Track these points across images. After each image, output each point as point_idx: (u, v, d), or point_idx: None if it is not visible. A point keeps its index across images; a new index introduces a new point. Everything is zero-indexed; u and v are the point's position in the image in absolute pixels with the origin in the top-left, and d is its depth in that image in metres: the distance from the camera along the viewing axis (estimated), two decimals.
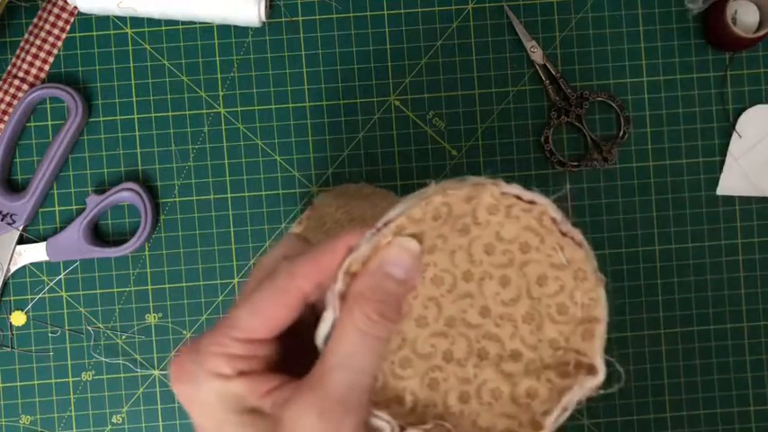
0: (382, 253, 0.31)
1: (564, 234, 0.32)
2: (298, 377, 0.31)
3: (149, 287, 0.57)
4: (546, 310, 0.32)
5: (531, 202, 0.32)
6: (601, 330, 0.32)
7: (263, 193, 0.57)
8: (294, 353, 0.34)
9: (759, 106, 0.57)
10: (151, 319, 0.57)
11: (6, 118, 0.56)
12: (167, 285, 0.57)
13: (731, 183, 0.57)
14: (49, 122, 0.57)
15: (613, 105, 0.56)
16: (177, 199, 0.57)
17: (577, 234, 0.32)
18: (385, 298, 0.30)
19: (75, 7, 0.56)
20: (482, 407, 0.32)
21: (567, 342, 0.32)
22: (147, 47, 0.57)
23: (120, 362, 0.57)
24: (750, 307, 0.57)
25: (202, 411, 0.31)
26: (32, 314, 0.57)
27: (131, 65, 0.57)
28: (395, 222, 0.31)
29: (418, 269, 0.32)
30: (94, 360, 0.57)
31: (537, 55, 0.56)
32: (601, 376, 0.32)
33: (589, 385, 0.32)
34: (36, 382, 0.57)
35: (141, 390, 0.57)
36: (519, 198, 0.32)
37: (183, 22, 0.57)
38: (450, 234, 0.32)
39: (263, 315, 0.31)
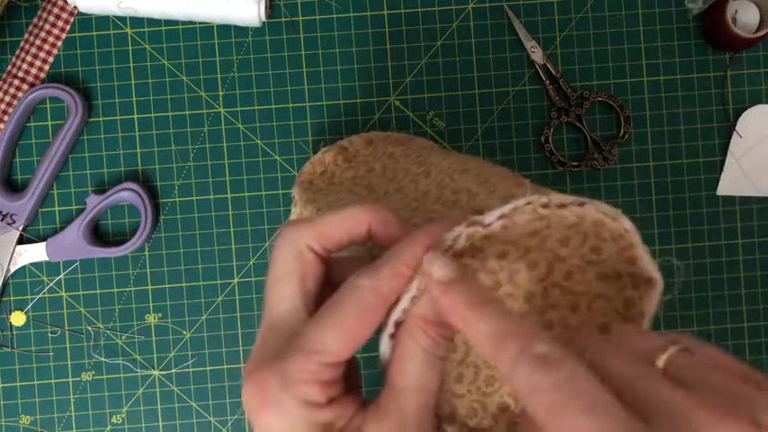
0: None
1: (563, 206, 0.32)
2: None
3: (149, 287, 0.57)
4: (581, 259, 0.32)
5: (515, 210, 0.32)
6: (639, 251, 0.32)
7: (263, 193, 0.57)
8: None
9: (759, 106, 0.57)
10: (151, 319, 0.57)
11: (6, 118, 0.56)
12: (167, 285, 0.57)
13: (731, 183, 0.57)
14: (49, 122, 0.57)
15: (613, 105, 0.56)
16: (177, 199, 0.57)
17: (575, 199, 0.31)
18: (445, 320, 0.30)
19: (75, 7, 0.56)
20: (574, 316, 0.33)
21: (616, 271, 0.33)
22: (147, 47, 0.57)
23: (120, 362, 0.57)
24: (750, 307, 0.57)
25: None
26: (32, 314, 0.57)
27: (131, 65, 0.57)
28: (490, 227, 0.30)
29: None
30: (94, 360, 0.57)
31: (537, 55, 0.56)
32: (659, 284, 0.32)
33: (656, 297, 0.32)
34: (36, 382, 0.57)
35: (141, 390, 0.57)
36: (504, 216, 0.31)
37: (183, 22, 0.57)
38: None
39: (352, 337, 0.30)
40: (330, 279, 0.33)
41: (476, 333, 0.28)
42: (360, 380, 0.35)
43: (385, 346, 0.31)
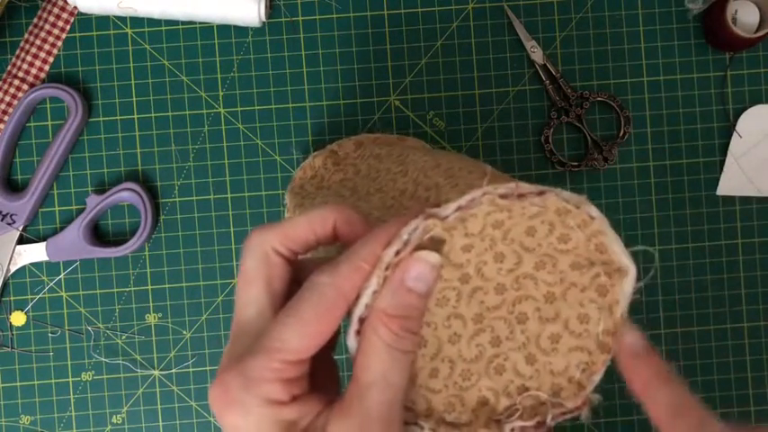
0: (405, 266, 0.31)
1: (523, 196, 0.32)
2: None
3: (149, 287, 0.57)
4: (550, 248, 0.33)
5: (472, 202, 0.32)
6: (609, 238, 0.32)
7: (263, 193, 0.57)
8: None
9: (759, 106, 0.57)
10: (151, 319, 0.57)
11: (6, 118, 0.56)
12: (167, 285, 0.57)
13: (731, 183, 0.57)
14: (49, 122, 0.57)
15: (613, 105, 0.56)
16: (177, 199, 0.57)
17: (535, 187, 0.32)
18: (408, 313, 0.30)
19: (75, 7, 0.56)
20: (549, 356, 0.33)
21: (588, 259, 0.33)
22: (147, 47, 0.57)
23: (120, 362, 0.57)
24: (750, 307, 0.57)
25: None
26: (32, 314, 0.57)
27: (131, 65, 0.57)
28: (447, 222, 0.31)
29: (437, 280, 0.32)
30: (94, 360, 0.57)
31: (537, 55, 0.56)
32: (632, 271, 0.33)
33: (629, 284, 0.33)
34: (36, 382, 0.57)
35: (141, 390, 0.57)
36: (461, 208, 0.32)
37: (183, 22, 0.57)
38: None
39: (312, 334, 0.30)
40: (300, 280, 0.33)
41: (654, 403, 0.31)
42: (337, 378, 0.36)
43: (351, 342, 0.31)
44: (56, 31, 0.57)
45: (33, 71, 0.57)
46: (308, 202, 0.48)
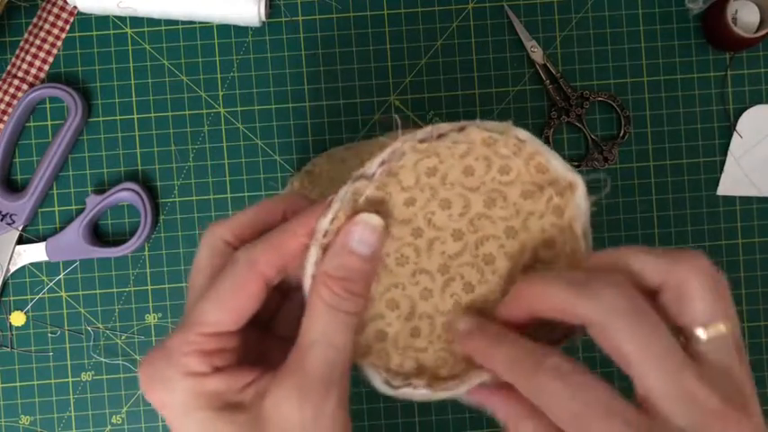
0: (345, 230, 0.31)
1: (442, 135, 0.32)
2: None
3: (149, 287, 0.57)
4: (493, 184, 0.33)
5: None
6: (547, 156, 0.32)
7: (263, 193, 0.57)
8: (267, 343, 0.34)
9: (759, 106, 0.57)
10: (151, 319, 0.57)
11: (6, 118, 0.56)
12: (167, 285, 0.57)
13: (731, 183, 0.57)
14: (49, 122, 0.57)
15: (614, 105, 0.56)
16: (177, 199, 0.57)
17: (452, 124, 0.32)
18: (351, 275, 0.31)
19: (75, 7, 0.56)
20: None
21: (535, 184, 0.33)
22: (147, 47, 0.57)
23: (120, 362, 0.57)
24: (750, 307, 0.57)
25: (180, 414, 0.30)
26: (32, 314, 0.57)
27: (131, 65, 0.57)
28: (367, 193, 0.32)
29: (382, 244, 0.32)
30: (94, 360, 0.57)
31: (537, 55, 0.56)
32: (581, 185, 0.33)
33: (581, 197, 0.33)
34: (36, 383, 0.57)
35: (141, 390, 0.57)
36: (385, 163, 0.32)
37: (183, 22, 0.57)
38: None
39: (228, 307, 0.31)
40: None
41: (495, 362, 0.30)
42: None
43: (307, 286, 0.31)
44: (55, 31, 0.57)
45: (33, 71, 0.57)
46: None
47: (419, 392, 0.32)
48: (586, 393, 0.27)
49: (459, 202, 0.32)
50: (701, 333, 0.28)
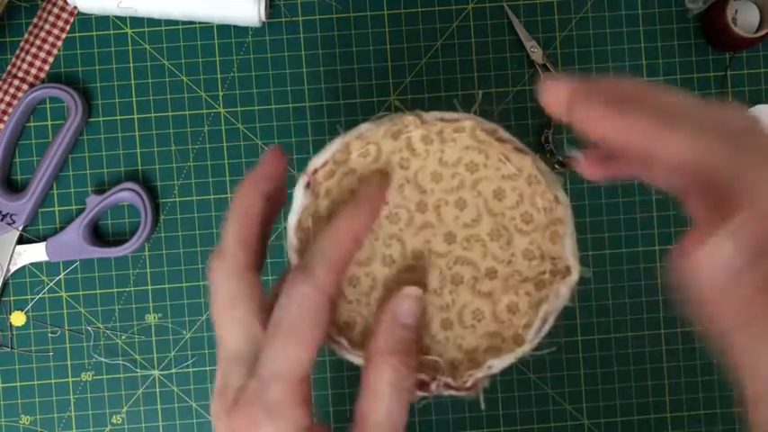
0: (393, 305, 0.31)
1: (503, 141, 0.33)
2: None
3: (149, 287, 0.57)
4: (511, 223, 0.33)
5: (457, 121, 0.33)
6: (567, 230, 0.32)
7: None
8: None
9: (759, 106, 0.57)
10: (151, 319, 0.57)
11: (6, 118, 0.56)
12: (167, 285, 0.57)
13: None
14: (49, 122, 0.57)
15: None
16: (177, 199, 0.57)
17: (516, 141, 0.33)
18: (406, 347, 0.31)
19: (75, 7, 0.56)
20: (465, 330, 0.33)
21: (540, 249, 0.33)
22: (147, 47, 0.57)
23: (120, 362, 0.57)
24: None
25: None
26: (32, 314, 0.57)
27: (131, 65, 0.57)
28: (322, 170, 0.33)
29: (422, 311, 0.32)
30: (94, 360, 0.57)
31: (537, 55, 0.56)
32: (575, 274, 0.32)
33: (565, 290, 0.32)
34: (36, 383, 0.57)
35: (141, 390, 0.57)
36: (444, 120, 0.33)
37: (183, 22, 0.57)
38: (390, 170, 0.33)
39: (312, 344, 0.30)
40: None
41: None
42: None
43: (292, 255, 0.32)
44: (56, 31, 0.57)
45: (33, 71, 0.57)
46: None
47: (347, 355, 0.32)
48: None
49: (473, 212, 0.33)
50: None
